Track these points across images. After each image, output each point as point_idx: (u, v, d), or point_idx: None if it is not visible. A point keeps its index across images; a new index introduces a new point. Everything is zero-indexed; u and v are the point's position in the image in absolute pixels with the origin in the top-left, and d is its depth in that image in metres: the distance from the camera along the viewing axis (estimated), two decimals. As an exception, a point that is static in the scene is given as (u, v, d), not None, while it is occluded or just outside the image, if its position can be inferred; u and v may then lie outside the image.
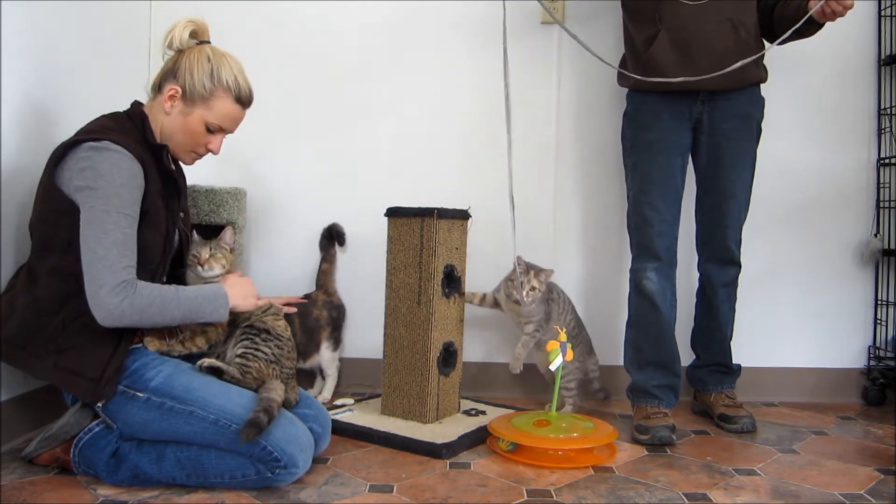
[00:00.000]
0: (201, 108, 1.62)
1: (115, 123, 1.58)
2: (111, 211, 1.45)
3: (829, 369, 2.45)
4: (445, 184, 2.39)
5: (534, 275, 2.07)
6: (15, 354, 1.51)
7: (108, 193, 1.45)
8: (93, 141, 1.48)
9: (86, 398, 1.50)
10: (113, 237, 1.44)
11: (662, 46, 1.96)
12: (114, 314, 1.43)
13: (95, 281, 1.43)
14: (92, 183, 1.45)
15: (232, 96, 1.64)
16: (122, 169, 1.48)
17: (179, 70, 1.61)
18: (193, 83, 1.60)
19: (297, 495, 1.50)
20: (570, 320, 2.18)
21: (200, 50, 1.63)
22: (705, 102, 2.00)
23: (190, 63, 1.61)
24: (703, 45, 1.93)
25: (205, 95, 1.61)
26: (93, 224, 1.44)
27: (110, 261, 1.43)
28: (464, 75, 2.45)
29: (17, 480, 1.52)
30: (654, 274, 2.03)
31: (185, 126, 1.63)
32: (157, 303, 1.47)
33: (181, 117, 1.63)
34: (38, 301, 1.51)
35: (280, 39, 2.44)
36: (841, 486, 1.62)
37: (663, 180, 2.03)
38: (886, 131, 2.41)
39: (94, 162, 1.46)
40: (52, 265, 1.52)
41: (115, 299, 1.42)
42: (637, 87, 2.06)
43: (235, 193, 2.21)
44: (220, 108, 1.64)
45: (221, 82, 1.62)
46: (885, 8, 2.40)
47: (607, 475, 1.68)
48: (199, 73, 1.61)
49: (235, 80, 1.64)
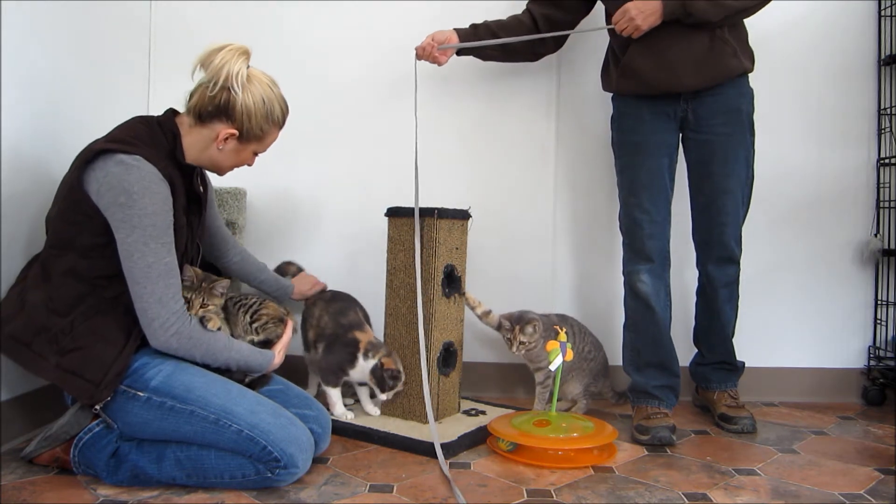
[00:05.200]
0: (255, 144, 1.65)
1: (147, 133, 1.56)
2: (149, 242, 1.46)
3: (829, 369, 2.45)
4: (445, 184, 2.39)
5: (519, 330, 2.03)
6: (19, 351, 1.51)
7: (143, 223, 1.45)
8: (124, 154, 1.47)
9: (84, 400, 1.50)
10: (157, 270, 1.47)
11: (638, 51, 1.96)
12: (164, 347, 1.51)
13: (147, 314, 1.48)
14: (124, 206, 1.44)
15: (278, 128, 1.67)
16: (153, 193, 1.47)
17: (235, 112, 1.57)
18: (251, 127, 1.59)
19: (297, 495, 1.50)
20: (584, 346, 2.16)
21: (253, 90, 1.58)
22: (689, 101, 1.99)
23: (247, 106, 1.57)
24: (676, 47, 1.92)
25: (260, 136, 1.63)
26: (133, 256, 1.46)
27: (158, 294, 1.47)
28: (463, 75, 2.45)
29: (17, 480, 1.52)
30: (647, 276, 2.03)
31: (237, 159, 1.67)
32: (203, 348, 1.55)
33: (234, 154, 1.64)
34: (50, 300, 1.50)
35: (279, 40, 2.44)
36: (841, 486, 1.62)
37: (651, 182, 2.02)
38: (886, 131, 2.41)
39: (124, 181, 1.45)
40: (69, 266, 1.52)
41: (166, 335, 1.49)
42: (618, 90, 2.07)
43: (235, 193, 2.21)
44: (269, 139, 1.67)
45: (276, 121, 1.64)
46: (885, 8, 2.40)
47: (607, 475, 1.68)
48: (258, 118, 1.59)
49: (282, 113, 1.65)
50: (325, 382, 1.99)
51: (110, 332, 1.50)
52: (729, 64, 1.94)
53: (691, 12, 1.84)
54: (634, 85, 2.00)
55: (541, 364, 2.10)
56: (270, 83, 1.63)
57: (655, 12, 1.85)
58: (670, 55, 1.92)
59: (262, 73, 1.62)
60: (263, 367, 1.67)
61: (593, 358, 2.17)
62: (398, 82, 2.45)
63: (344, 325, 2.00)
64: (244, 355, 1.63)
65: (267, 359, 1.68)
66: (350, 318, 2.02)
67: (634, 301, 2.07)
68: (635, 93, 2.02)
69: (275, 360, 1.71)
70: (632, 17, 1.86)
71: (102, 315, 1.51)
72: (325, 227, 2.44)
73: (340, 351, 1.96)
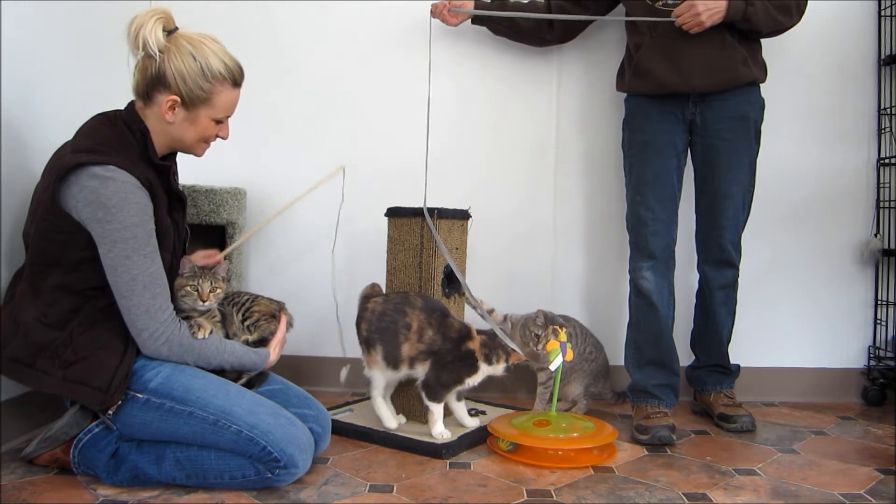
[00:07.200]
0: (204, 108, 1.57)
1: (115, 136, 1.52)
2: (131, 255, 1.44)
3: (828, 369, 2.45)
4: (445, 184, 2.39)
5: (551, 331, 1.97)
6: (21, 371, 1.49)
7: (123, 236, 1.43)
8: (96, 165, 1.43)
9: (95, 406, 1.49)
10: (142, 282, 1.46)
11: (650, 52, 2.02)
12: (155, 355, 1.51)
13: (135, 325, 1.48)
14: (103, 221, 1.43)
15: (229, 84, 1.58)
16: (131, 204, 1.44)
17: (168, 77, 1.51)
18: (189, 88, 1.52)
19: (297, 495, 1.50)
20: (585, 347, 2.16)
21: (179, 48, 1.51)
22: (697, 104, 2.03)
23: (177, 67, 1.51)
24: (688, 50, 1.97)
25: (204, 96, 1.55)
26: (117, 270, 1.45)
27: (145, 306, 1.46)
28: (463, 75, 2.45)
29: (17, 480, 1.52)
30: (651, 273, 2.04)
31: (195, 129, 1.59)
32: (195, 354, 1.54)
33: (187, 123, 1.58)
34: (44, 316, 1.49)
35: (279, 40, 2.44)
36: (841, 486, 1.62)
37: (657, 181, 2.05)
38: (886, 131, 2.41)
39: (101, 196, 1.42)
40: (59, 281, 1.50)
41: (156, 344, 1.49)
42: (630, 90, 2.11)
43: (235, 193, 2.21)
44: (222, 100, 1.58)
45: (216, 76, 1.54)
46: (885, 8, 2.40)
47: (607, 475, 1.68)
48: (192, 76, 1.52)
49: (226, 66, 1.56)
50: (434, 398, 1.81)
51: (110, 340, 1.49)
52: (738, 70, 1.98)
53: (749, 18, 1.91)
54: (646, 84, 2.04)
55: (543, 364, 2.10)
56: (203, 39, 1.55)
57: (720, 11, 1.89)
58: (682, 57, 1.97)
59: (195, 32, 1.55)
60: (258, 367, 1.67)
61: (594, 359, 2.17)
62: (399, 82, 2.45)
63: (453, 337, 1.81)
64: (238, 356, 1.62)
65: (262, 357, 1.67)
66: (452, 322, 1.84)
67: (637, 298, 2.08)
68: (646, 92, 2.06)
69: (270, 357, 1.70)
70: (698, 11, 1.88)
71: (100, 324, 1.51)
72: (325, 228, 2.43)
73: (460, 366, 1.80)
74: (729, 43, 1.97)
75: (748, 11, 1.91)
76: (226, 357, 1.59)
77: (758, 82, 2.06)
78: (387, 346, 1.82)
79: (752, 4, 1.91)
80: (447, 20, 2.24)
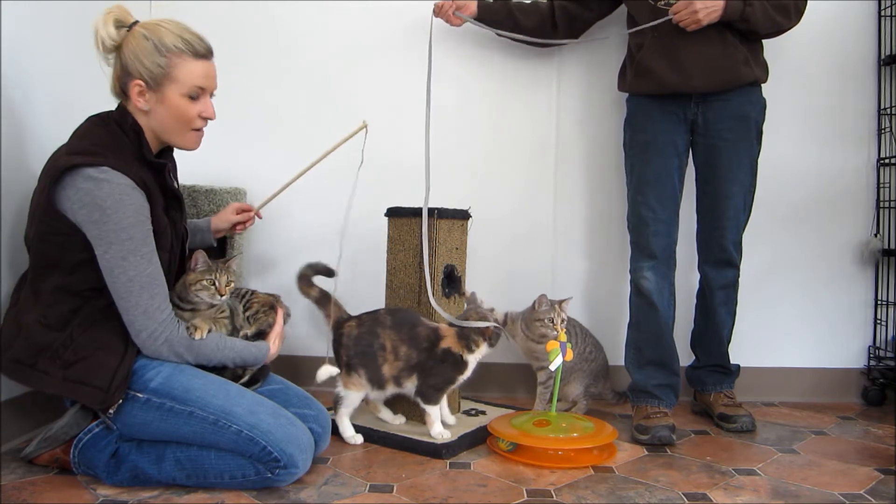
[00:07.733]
0: (169, 84, 1.53)
1: (109, 136, 1.52)
2: (128, 256, 1.44)
3: (828, 369, 2.45)
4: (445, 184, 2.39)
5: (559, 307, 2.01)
6: (23, 372, 1.49)
7: (119, 238, 1.44)
8: (91, 167, 1.43)
9: (95, 406, 1.50)
10: (139, 283, 1.46)
11: (651, 52, 2.02)
12: (155, 355, 1.51)
13: (134, 326, 1.48)
14: (98, 223, 1.43)
15: (188, 56, 1.54)
16: (126, 206, 1.44)
17: (128, 65, 1.52)
18: (147, 68, 1.51)
19: (297, 495, 1.50)
20: (585, 347, 2.17)
21: (135, 35, 1.52)
22: (699, 104, 2.03)
23: (133, 52, 1.51)
24: (690, 50, 1.97)
25: (164, 72, 1.52)
26: (114, 272, 1.45)
27: (143, 307, 1.47)
28: (463, 76, 2.45)
29: (17, 480, 1.52)
30: (651, 273, 2.05)
31: (169, 111, 1.55)
32: (195, 352, 1.54)
33: (160, 106, 1.55)
34: (44, 318, 1.49)
35: (279, 40, 2.44)
36: (841, 486, 1.62)
37: (658, 180, 2.05)
38: (886, 131, 2.41)
39: (96, 197, 1.42)
40: (58, 283, 1.50)
41: (155, 344, 1.49)
42: (632, 89, 2.11)
43: (235, 193, 2.21)
44: (185, 73, 1.54)
45: (171, 50, 1.52)
46: (885, 8, 2.40)
47: (607, 475, 1.68)
48: (146, 55, 1.51)
49: (181, 39, 1.54)
50: (430, 402, 1.83)
51: (110, 340, 1.50)
52: (739, 71, 1.98)
53: (747, 18, 1.92)
54: (647, 84, 2.05)
55: (544, 363, 2.10)
56: (160, 21, 1.56)
57: (718, 10, 1.90)
58: (683, 57, 1.97)
59: (154, 20, 1.57)
60: (260, 360, 1.67)
61: (594, 359, 2.17)
62: (399, 82, 2.45)
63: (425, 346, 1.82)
64: (238, 351, 1.62)
65: (262, 351, 1.67)
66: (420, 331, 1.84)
67: (638, 298, 2.09)
68: (647, 92, 2.07)
69: (270, 350, 1.70)
70: (695, 9, 1.89)
71: (100, 324, 1.51)
72: (324, 227, 2.43)
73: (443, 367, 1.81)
74: (730, 43, 1.97)
75: (746, 11, 1.91)
76: (226, 353, 1.59)
77: (759, 82, 2.06)
78: (368, 369, 1.82)
79: (751, 4, 1.91)
80: (451, 20, 2.24)
